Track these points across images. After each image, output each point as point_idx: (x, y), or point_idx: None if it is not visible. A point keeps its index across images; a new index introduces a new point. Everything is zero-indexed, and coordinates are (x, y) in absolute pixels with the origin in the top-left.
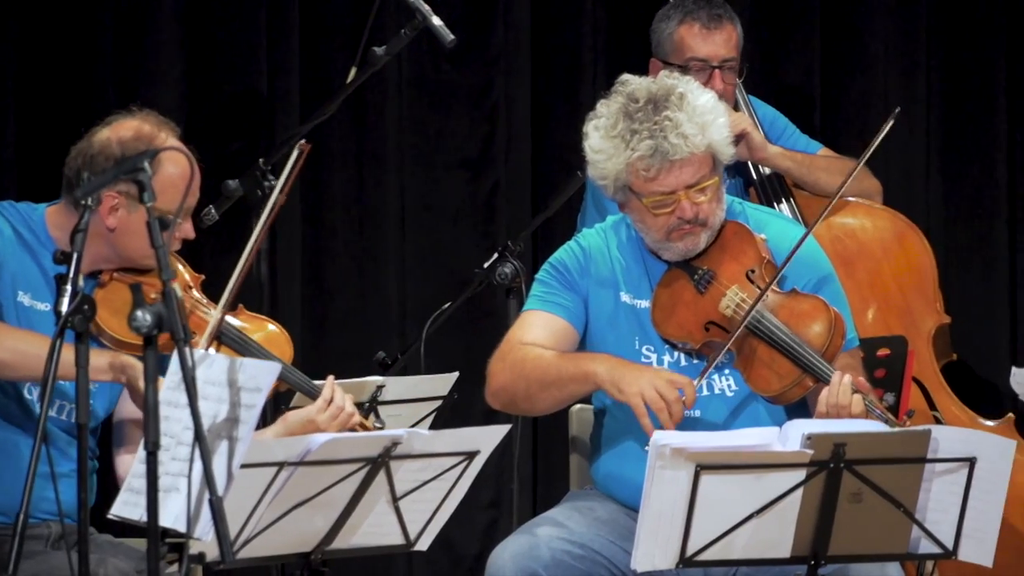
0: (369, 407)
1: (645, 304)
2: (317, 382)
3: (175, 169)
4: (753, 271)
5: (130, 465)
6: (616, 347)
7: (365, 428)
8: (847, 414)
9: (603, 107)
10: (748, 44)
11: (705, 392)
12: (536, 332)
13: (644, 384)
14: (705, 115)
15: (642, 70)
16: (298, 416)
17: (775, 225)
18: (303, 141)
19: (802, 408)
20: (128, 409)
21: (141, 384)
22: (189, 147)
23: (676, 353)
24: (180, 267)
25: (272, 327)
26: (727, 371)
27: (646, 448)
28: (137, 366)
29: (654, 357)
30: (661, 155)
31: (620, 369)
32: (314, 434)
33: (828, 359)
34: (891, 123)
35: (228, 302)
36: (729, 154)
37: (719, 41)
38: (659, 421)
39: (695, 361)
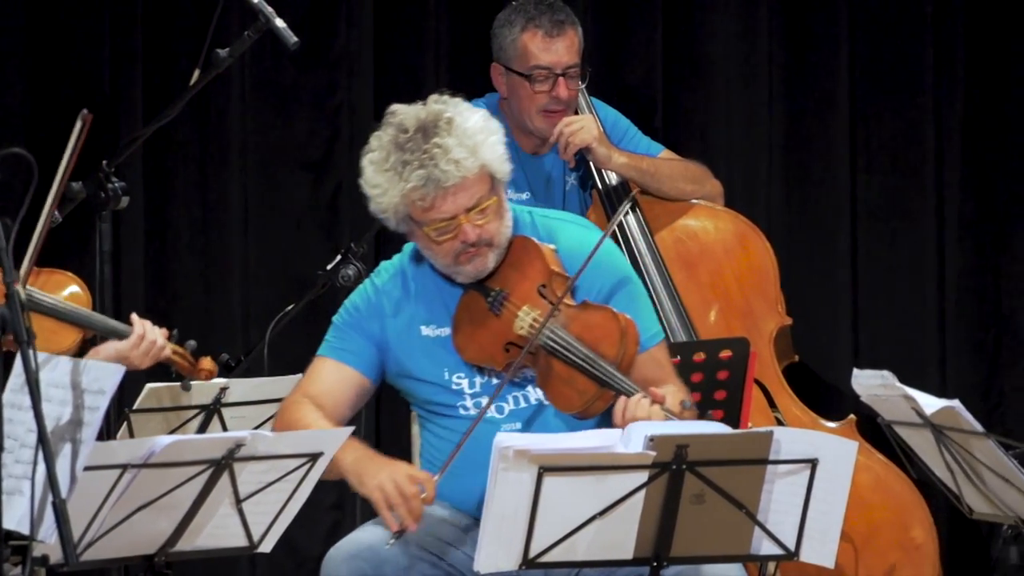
0: (212, 409)
1: (447, 332)
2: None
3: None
4: (544, 286)
5: None
6: (427, 381)
7: (179, 356)
8: None
9: (375, 140)
10: (589, 45)
11: (523, 403)
12: (321, 380)
13: (384, 479)
14: (476, 136)
15: (484, 73)
16: (109, 350)
17: (566, 232)
18: (85, 111)
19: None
20: None
21: None
22: (30, 150)
23: (484, 375)
24: None
25: (74, 286)
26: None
27: (389, 544)
28: None
29: (464, 383)
30: (434, 183)
31: (363, 462)
32: (158, 436)
33: (624, 369)
34: (627, 205)
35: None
36: (506, 171)
37: (562, 48)
38: (399, 516)
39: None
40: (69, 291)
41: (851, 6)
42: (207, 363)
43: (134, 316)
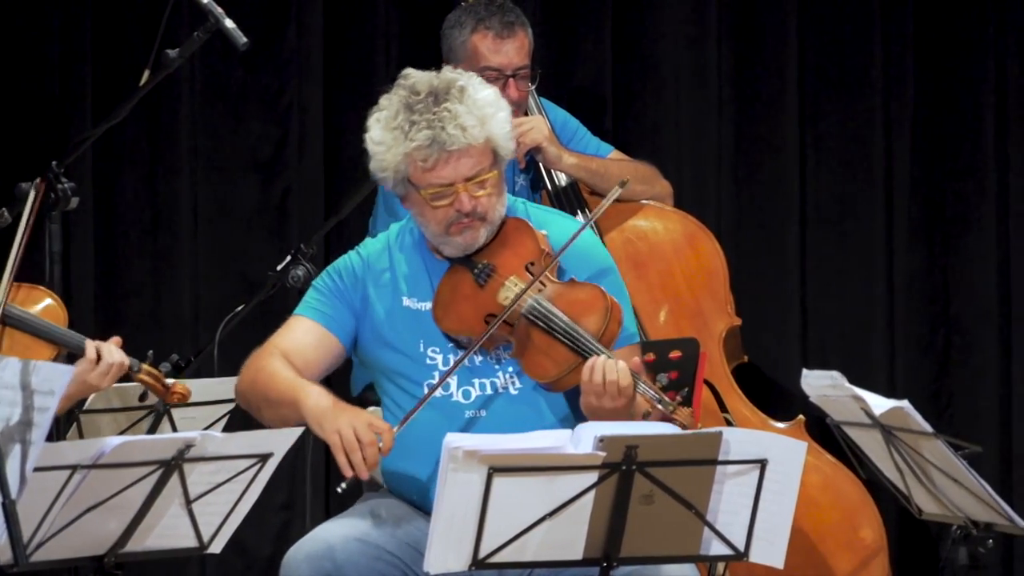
0: (162, 410)
1: (428, 307)
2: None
3: None
4: (532, 263)
5: None
6: (401, 351)
7: (153, 378)
8: (614, 388)
9: (384, 100)
10: (539, 46)
11: (489, 391)
12: (295, 337)
13: (343, 423)
14: (485, 108)
15: None
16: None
17: (556, 223)
18: (38, 180)
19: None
20: None
21: None
22: None
23: (461, 351)
24: None
25: (48, 300)
26: (511, 369)
27: (340, 489)
28: None
29: (439, 358)
30: (439, 145)
31: (324, 406)
32: (107, 437)
33: (604, 345)
34: (619, 190)
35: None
36: (510, 149)
37: (512, 50)
38: (353, 462)
39: (485, 359)
40: (43, 306)
41: (800, 7)
42: (180, 387)
43: (87, 341)
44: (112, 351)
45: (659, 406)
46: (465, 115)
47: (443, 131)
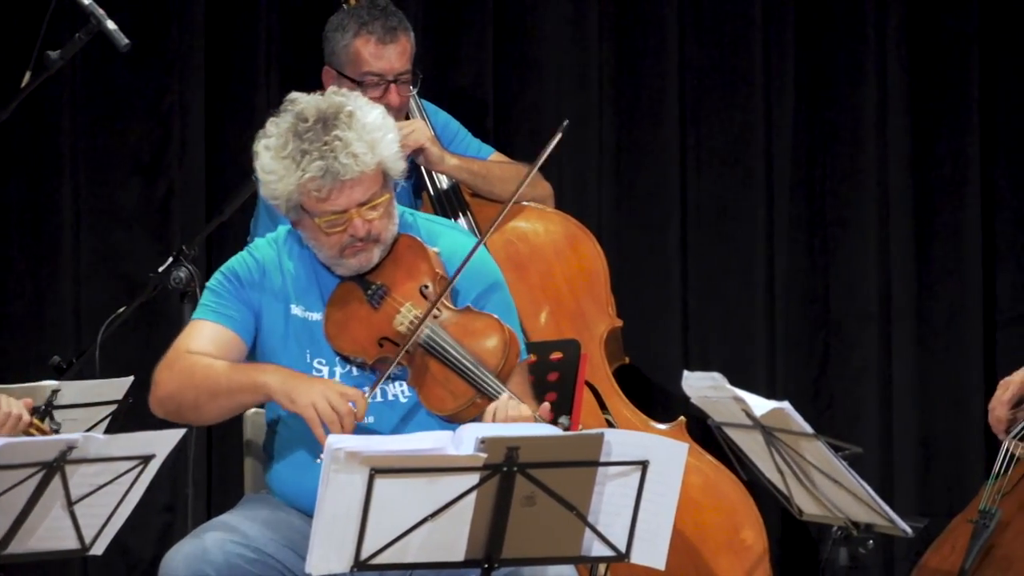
0: (44, 411)
1: (317, 317)
2: None
3: None
4: (427, 287)
5: None
6: (287, 360)
7: (40, 430)
8: None
9: (272, 126)
10: (420, 48)
11: (379, 398)
12: (203, 342)
13: (316, 395)
14: (374, 132)
15: (316, 75)
16: None
17: (447, 237)
18: None
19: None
20: None
21: None
22: None
23: (348, 366)
24: None
25: None
26: (401, 380)
27: (319, 460)
28: None
29: (325, 370)
30: (332, 176)
31: (292, 381)
32: None
33: (503, 378)
34: (559, 135)
35: None
36: (400, 169)
37: (394, 56)
38: (331, 432)
39: (367, 373)
40: None
41: (681, 9)
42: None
43: None
44: (12, 403)
45: None
46: (356, 142)
47: (336, 161)
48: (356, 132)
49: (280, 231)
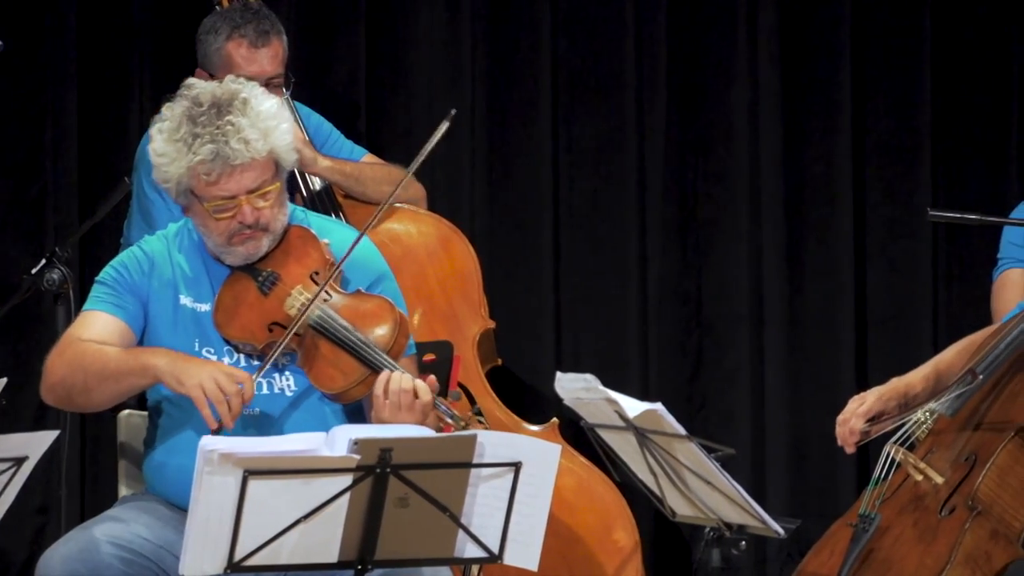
0: None
1: (206, 307)
2: None
3: None
4: (317, 273)
5: None
6: (175, 348)
7: None
8: (409, 399)
9: (167, 110)
10: (293, 49)
11: (265, 391)
12: (95, 330)
13: (204, 377)
14: (268, 120)
15: (189, 76)
16: None
17: (337, 232)
18: None
19: (362, 411)
20: None
21: None
22: None
23: (236, 354)
24: None
25: None
26: (288, 372)
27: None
28: None
29: (214, 359)
30: (222, 160)
31: (180, 362)
32: None
33: (393, 357)
34: (447, 124)
35: None
36: (292, 160)
37: (266, 59)
38: (218, 413)
39: (255, 362)
40: None
41: (553, 9)
42: None
43: None
44: None
45: (450, 421)
46: (248, 128)
47: (226, 145)
48: (249, 119)
49: (171, 228)
